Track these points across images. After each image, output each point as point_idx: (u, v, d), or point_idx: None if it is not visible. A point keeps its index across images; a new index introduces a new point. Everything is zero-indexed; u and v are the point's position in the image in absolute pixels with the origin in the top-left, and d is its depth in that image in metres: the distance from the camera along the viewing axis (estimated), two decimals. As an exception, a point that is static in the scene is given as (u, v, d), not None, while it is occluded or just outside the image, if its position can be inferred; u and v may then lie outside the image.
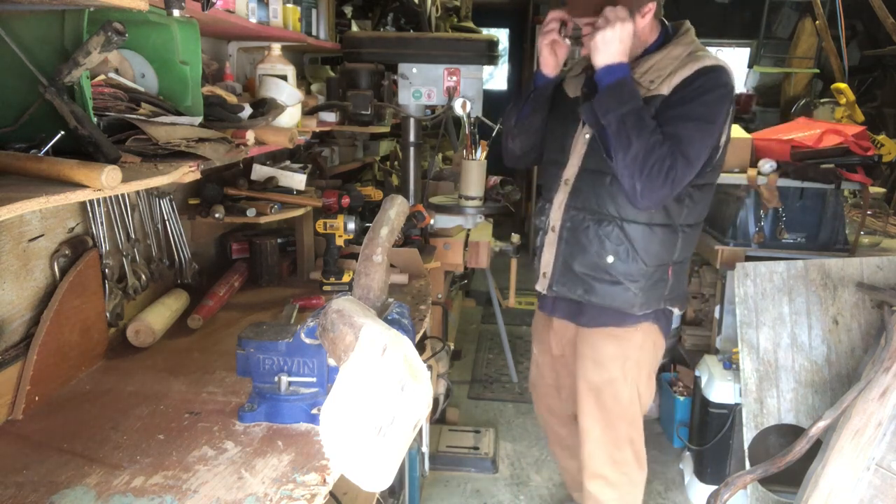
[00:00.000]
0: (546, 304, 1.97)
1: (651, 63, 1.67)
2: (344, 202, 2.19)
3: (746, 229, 2.97)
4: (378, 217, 1.47)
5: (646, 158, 1.55)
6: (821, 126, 3.07)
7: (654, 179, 1.56)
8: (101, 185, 0.96)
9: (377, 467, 0.99)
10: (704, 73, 1.60)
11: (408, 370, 1.03)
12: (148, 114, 1.29)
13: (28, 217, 1.35)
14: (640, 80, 1.64)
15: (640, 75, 1.65)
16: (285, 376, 1.30)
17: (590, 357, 1.86)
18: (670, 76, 1.62)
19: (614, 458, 1.90)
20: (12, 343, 1.32)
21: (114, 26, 1.01)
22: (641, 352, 1.84)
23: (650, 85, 1.64)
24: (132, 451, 1.19)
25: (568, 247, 1.78)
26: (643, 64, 1.67)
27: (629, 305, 1.76)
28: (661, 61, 1.66)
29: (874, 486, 1.90)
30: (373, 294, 1.37)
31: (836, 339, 2.41)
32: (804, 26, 5.59)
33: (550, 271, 1.84)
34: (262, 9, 1.89)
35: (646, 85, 1.64)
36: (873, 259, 2.47)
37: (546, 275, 1.86)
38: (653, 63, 1.66)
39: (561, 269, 1.82)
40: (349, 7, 3.04)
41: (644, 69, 1.66)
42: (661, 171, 1.55)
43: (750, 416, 2.40)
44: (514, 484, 2.78)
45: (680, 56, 1.66)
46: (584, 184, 1.74)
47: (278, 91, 1.84)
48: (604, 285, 1.76)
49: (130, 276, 1.66)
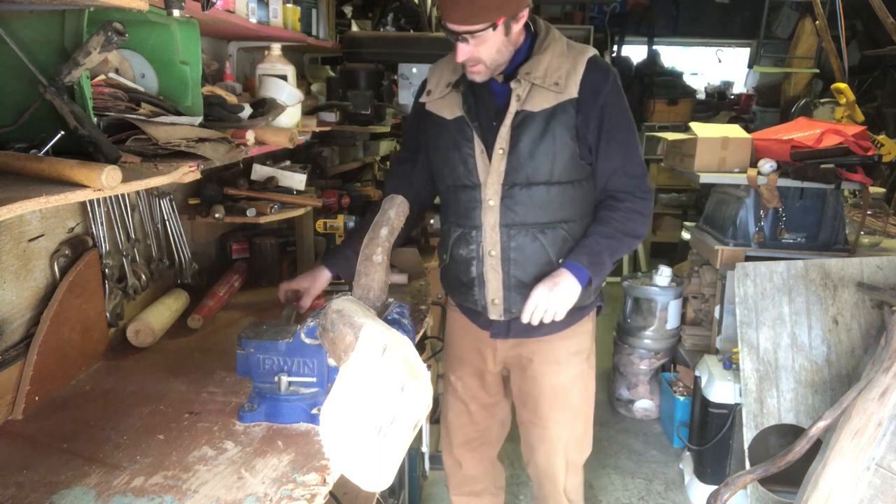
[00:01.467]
0: (499, 330, 1.80)
1: (544, 65, 1.61)
2: (344, 202, 2.20)
3: (746, 229, 2.97)
4: (378, 217, 1.47)
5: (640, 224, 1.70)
6: (821, 126, 3.07)
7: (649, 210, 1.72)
8: (101, 185, 0.96)
9: (377, 467, 0.99)
10: (594, 65, 1.63)
11: (408, 370, 1.03)
12: (148, 114, 1.28)
13: (28, 217, 1.35)
14: (545, 85, 1.59)
15: (542, 80, 1.60)
16: (285, 376, 1.30)
17: (551, 361, 1.80)
18: (569, 74, 1.61)
19: (582, 444, 1.92)
20: (12, 343, 1.32)
21: (114, 26, 1.01)
22: (592, 338, 1.89)
23: (557, 88, 1.60)
24: (132, 451, 1.19)
25: (517, 266, 1.68)
26: (536, 68, 1.60)
27: (585, 298, 1.74)
28: (553, 62, 1.61)
29: (874, 486, 1.90)
30: (373, 294, 1.37)
31: (836, 339, 2.41)
32: (804, 26, 5.60)
33: (502, 297, 1.72)
34: (262, 9, 1.89)
35: (553, 89, 1.60)
36: (873, 259, 2.47)
37: (496, 302, 1.73)
38: (546, 65, 1.61)
39: (515, 291, 1.70)
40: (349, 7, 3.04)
41: (542, 73, 1.60)
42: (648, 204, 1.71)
43: (750, 416, 2.40)
44: (514, 484, 2.78)
45: (563, 52, 1.64)
46: (516, 199, 1.65)
47: (278, 91, 1.84)
48: None
49: (130, 276, 1.66)
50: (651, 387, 3.40)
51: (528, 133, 1.61)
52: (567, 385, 1.83)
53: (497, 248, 1.68)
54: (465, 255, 1.72)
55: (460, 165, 1.68)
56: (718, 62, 7.20)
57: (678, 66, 6.77)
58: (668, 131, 3.93)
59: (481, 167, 1.65)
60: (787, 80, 5.86)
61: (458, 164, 1.68)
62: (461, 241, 1.73)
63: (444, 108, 1.70)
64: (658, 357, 3.36)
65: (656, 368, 3.39)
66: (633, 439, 3.23)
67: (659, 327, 3.31)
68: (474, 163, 1.66)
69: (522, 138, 1.61)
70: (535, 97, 1.61)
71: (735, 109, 6.36)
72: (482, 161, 1.65)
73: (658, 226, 5.96)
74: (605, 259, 1.64)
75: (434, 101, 1.73)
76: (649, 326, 3.33)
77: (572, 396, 1.84)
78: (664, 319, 3.30)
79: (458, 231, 1.73)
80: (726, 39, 6.93)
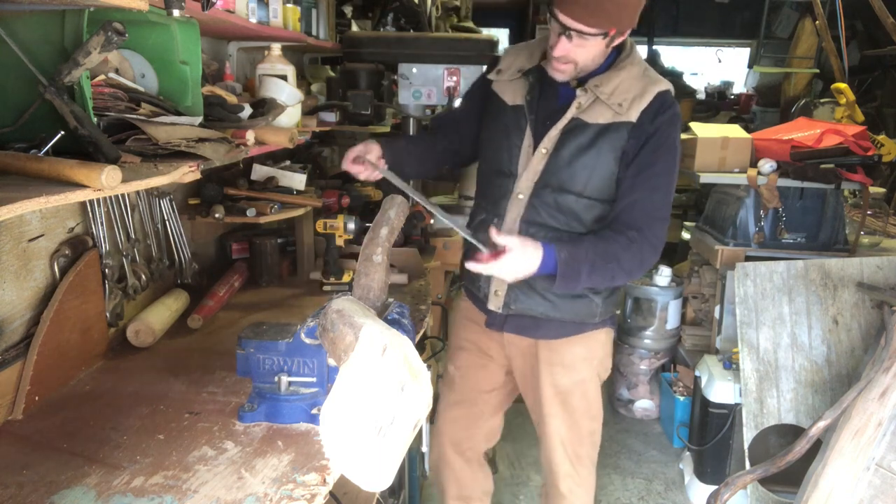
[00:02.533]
0: (495, 321, 1.82)
1: (615, 84, 1.61)
2: (344, 202, 2.19)
3: (746, 229, 2.97)
4: (378, 217, 1.46)
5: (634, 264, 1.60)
6: (821, 126, 3.08)
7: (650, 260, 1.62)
8: (101, 185, 0.96)
9: (377, 467, 0.99)
10: (662, 98, 1.63)
11: (408, 370, 1.03)
12: (148, 114, 1.28)
13: (28, 217, 1.35)
14: (608, 102, 1.59)
15: (608, 97, 1.60)
16: (285, 376, 1.30)
17: (557, 363, 1.80)
18: (635, 100, 1.61)
19: (578, 454, 1.91)
20: (12, 343, 1.32)
21: (114, 26, 1.01)
22: (605, 349, 1.86)
23: (619, 108, 1.59)
24: (132, 451, 1.19)
25: None
26: (606, 83, 1.60)
27: (591, 316, 1.75)
28: (624, 82, 1.61)
29: (874, 486, 1.90)
30: (373, 294, 1.36)
31: (836, 339, 2.41)
32: (804, 26, 5.60)
33: (504, 290, 1.72)
34: (262, 9, 1.89)
35: (615, 108, 1.60)
36: (873, 259, 2.47)
37: (499, 293, 1.74)
38: (617, 84, 1.61)
39: (518, 287, 1.70)
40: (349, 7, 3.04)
41: (609, 90, 1.60)
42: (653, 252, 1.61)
43: (750, 416, 2.40)
44: (513, 484, 2.78)
45: (638, 76, 1.64)
46: (544, 200, 1.64)
47: (278, 91, 1.84)
48: (566, 300, 1.71)
49: (130, 276, 1.66)
50: (651, 387, 3.40)
51: (574, 141, 1.61)
52: (569, 387, 1.83)
53: None
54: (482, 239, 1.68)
55: (504, 153, 1.69)
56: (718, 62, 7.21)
57: (678, 66, 6.78)
58: (668, 131, 3.92)
59: (523, 159, 1.66)
60: (787, 80, 5.87)
61: (504, 150, 1.70)
62: (482, 225, 1.71)
63: (508, 91, 1.71)
64: (658, 357, 3.36)
65: (656, 368, 3.39)
66: (633, 439, 3.23)
67: (659, 327, 3.31)
68: (518, 153, 1.67)
69: (568, 145, 1.61)
70: (594, 110, 1.61)
71: (735, 109, 6.37)
72: (526, 154, 1.66)
73: (658, 226, 5.95)
74: (583, 271, 1.54)
75: (502, 81, 1.73)
76: (649, 326, 3.33)
77: (574, 398, 1.84)
78: (664, 319, 3.30)
79: (483, 215, 1.76)
80: (726, 39, 6.94)
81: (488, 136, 1.76)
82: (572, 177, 1.62)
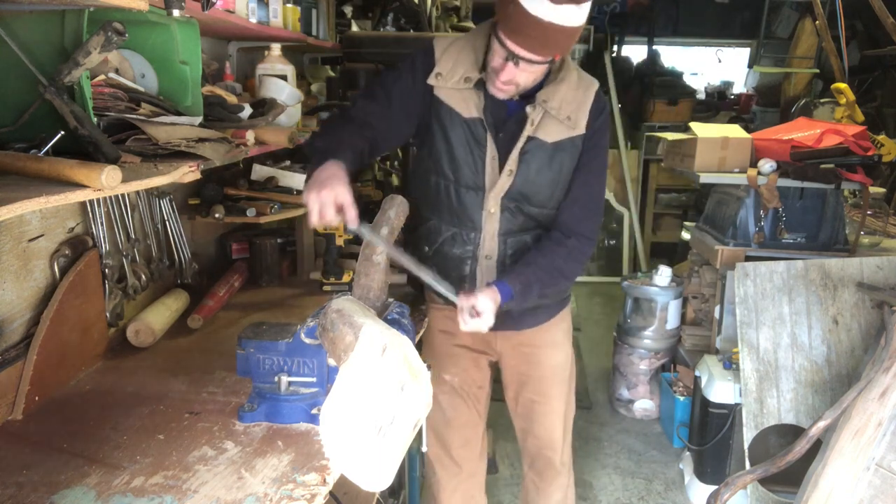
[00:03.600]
0: None
1: (560, 96, 1.62)
2: (344, 202, 2.19)
3: (746, 229, 2.97)
4: (378, 217, 1.46)
5: (576, 268, 1.74)
6: (821, 126, 3.07)
7: (587, 255, 1.76)
8: (101, 185, 0.96)
9: (377, 467, 0.99)
10: (598, 99, 1.68)
11: (408, 370, 1.03)
12: (148, 114, 1.28)
13: (28, 217, 1.35)
14: (559, 117, 1.62)
15: (557, 111, 1.62)
16: (285, 376, 1.30)
17: (550, 344, 1.90)
18: (580, 108, 1.65)
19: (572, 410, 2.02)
20: (12, 343, 1.32)
21: (114, 26, 1.01)
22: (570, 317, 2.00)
23: (569, 122, 1.63)
24: (132, 451, 1.19)
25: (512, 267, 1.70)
26: (553, 97, 1.62)
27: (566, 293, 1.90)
28: (568, 93, 1.64)
29: (874, 486, 1.90)
30: (373, 294, 1.37)
31: (836, 339, 2.41)
32: (804, 26, 5.59)
33: None
34: (262, 9, 1.89)
35: (565, 123, 1.63)
36: (873, 259, 2.47)
37: None
38: (562, 96, 1.63)
39: None
40: (349, 7, 3.04)
41: (557, 104, 1.62)
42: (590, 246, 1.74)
43: (750, 416, 2.40)
44: (513, 484, 2.78)
45: (576, 82, 1.66)
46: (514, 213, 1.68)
47: (278, 91, 1.84)
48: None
49: (130, 276, 1.66)
50: (651, 387, 3.40)
51: (535, 161, 1.64)
52: (564, 363, 1.94)
53: (495, 254, 1.71)
54: (459, 254, 1.72)
55: (468, 167, 1.66)
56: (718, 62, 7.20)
57: (678, 66, 6.76)
58: (668, 131, 3.93)
59: (489, 173, 1.65)
60: (787, 80, 5.86)
61: (468, 165, 1.66)
62: (455, 240, 1.72)
63: (460, 102, 1.65)
64: (658, 357, 3.36)
65: (656, 368, 3.39)
66: (633, 439, 3.23)
67: (659, 327, 3.31)
68: (484, 167, 1.65)
69: (530, 163, 1.64)
70: (547, 126, 1.63)
71: (735, 109, 6.36)
72: (491, 167, 1.65)
73: (658, 226, 5.96)
74: (534, 291, 1.66)
75: (445, 90, 1.65)
76: (649, 326, 3.33)
77: (568, 372, 1.96)
78: (664, 319, 3.30)
79: (452, 231, 1.72)
80: (726, 39, 6.93)
81: (445, 149, 1.67)
82: (538, 192, 1.67)
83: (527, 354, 1.90)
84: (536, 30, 1.43)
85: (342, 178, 1.38)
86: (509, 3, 1.43)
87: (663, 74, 6.31)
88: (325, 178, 1.36)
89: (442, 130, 1.67)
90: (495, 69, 1.56)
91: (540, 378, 1.92)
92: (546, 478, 2.03)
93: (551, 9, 1.39)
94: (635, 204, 5.62)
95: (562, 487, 2.04)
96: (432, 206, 1.74)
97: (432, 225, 1.75)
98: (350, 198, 1.36)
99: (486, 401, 2.02)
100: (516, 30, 1.46)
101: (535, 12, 1.40)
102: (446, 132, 1.66)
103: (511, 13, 1.43)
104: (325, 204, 1.33)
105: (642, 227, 5.67)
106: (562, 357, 1.93)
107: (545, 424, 1.97)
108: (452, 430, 1.96)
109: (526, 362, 1.91)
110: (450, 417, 1.95)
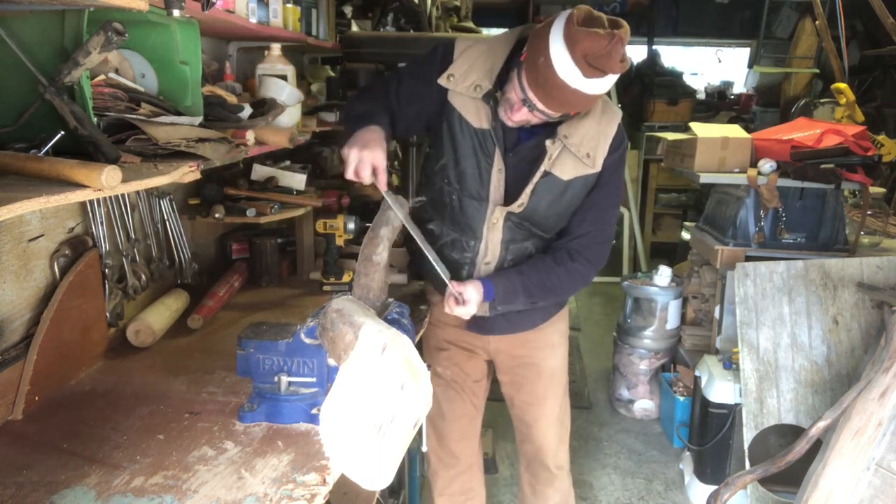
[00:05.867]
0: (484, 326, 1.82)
1: (583, 132, 1.60)
2: (344, 202, 2.19)
3: (746, 229, 2.97)
4: (378, 217, 1.47)
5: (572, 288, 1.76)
6: (821, 126, 3.07)
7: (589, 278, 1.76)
8: (101, 185, 0.96)
9: (377, 466, 0.99)
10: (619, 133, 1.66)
11: (407, 369, 1.03)
12: (148, 114, 1.28)
13: (28, 217, 1.35)
14: (577, 154, 1.60)
15: (577, 148, 1.59)
16: (285, 376, 1.30)
17: (547, 346, 1.90)
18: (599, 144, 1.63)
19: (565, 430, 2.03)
20: (12, 343, 1.32)
21: (114, 26, 1.01)
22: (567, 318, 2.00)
23: (587, 160, 1.61)
24: (132, 451, 1.19)
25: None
26: (574, 133, 1.59)
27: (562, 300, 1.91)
28: (591, 129, 1.61)
29: (874, 486, 1.90)
30: (373, 294, 1.37)
31: (836, 339, 2.41)
32: (804, 26, 5.60)
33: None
34: (262, 9, 1.89)
35: (583, 160, 1.61)
36: (873, 259, 2.47)
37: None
38: (584, 132, 1.60)
39: None
40: (349, 7, 3.04)
41: (578, 140, 1.59)
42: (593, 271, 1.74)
43: (750, 416, 2.40)
44: (513, 484, 2.78)
45: (599, 114, 1.63)
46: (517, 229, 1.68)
47: (278, 91, 1.84)
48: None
49: (130, 276, 1.66)
50: (651, 387, 3.40)
51: (547, 194, 1.64)
52: (560, 366, 1.94)
53: (495, 259, 1.72)
54: (457, 258, 1.74)
55: (474, 179, 1.65)
56: (718, 62, 7.20)
57: (678, 66, 6.77)
58: (668, 131, 3.94)
59: (494, 184, 1.64)
60: (787, 80, 5.86)
61: (473, 176, 1.65)
62: (454, 246, 1.73)
63: (471, 111, 1.63)
64: (658, 357, 3.36)
65: (656, 368, 3.39)
66: (633, 439, 3.23)
67: (659, 327, 3.31)
68: (488, 178, 1.64)
69: (541, 198, 1.63)
70: (564, 163, 1.61)
71: (735, 109, 6.36)
72: (496, 178, 1.64)
73: (658, 226, 5.97)
74: (519, 300, 1.69)
75: (458, 94, 1.63)
76: (649, 326, 3.33)
77: (562, 375, 1.96)
78: (664, 319, 3.30)
79: (453, 236, 1.73)
80: (726, 39, 6.93)
81: (452, 157, 1.66)
82: (545, 219, 1.68)
83: (522, 356, 1.90)
84: (562, 93, 1.42)
85: (381, 144, 1.49)
86: (541, 55, 1.40)
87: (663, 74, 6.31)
88: (369, 139, 1.47)
89: (451, 138, 1.67)
90: (509, 102, 1.54)
91: (534, 380, 1.92)
92: (542, 480, 2.03)
93: (581, 79, 1.39)
94: (635, 204, 5.62)
95: (559, 491, 2.04)
96: (436, 209, 1.76)
97: (434, 227, 1.77)
98: (385, 163, 1.47)
99: (483, 395, 2.02)
100: (541, 84, 1.44)
101: (564, 77, 1.39)
102: (455, 140, 1.66)
103: (540, 66, 1.41)
104: (364, 162, 1.44)
105: (642, 227, 5.68)
106: (558, 359, 1.93)
107: (540, 427, 1.97)
108: (448, 423, 1.97)
109: (521, 364, 1.91)
110: (445, 410, 1.96)
